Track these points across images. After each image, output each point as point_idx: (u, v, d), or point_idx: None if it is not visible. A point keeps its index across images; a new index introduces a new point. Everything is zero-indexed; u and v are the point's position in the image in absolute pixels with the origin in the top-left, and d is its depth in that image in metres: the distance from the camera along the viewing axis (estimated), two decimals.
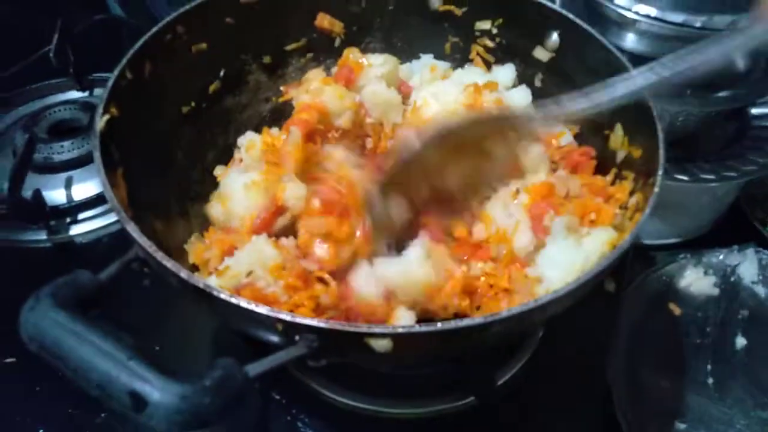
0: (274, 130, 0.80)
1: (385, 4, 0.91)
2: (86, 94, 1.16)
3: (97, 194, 0.97)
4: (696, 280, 1.04)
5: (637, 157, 0.68)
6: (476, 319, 0.45)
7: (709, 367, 0.94)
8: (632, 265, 1.06)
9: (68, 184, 0.97)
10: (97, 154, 0.59)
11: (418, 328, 0.45)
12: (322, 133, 0.78)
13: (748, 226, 1.12)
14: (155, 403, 0.37)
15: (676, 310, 1.01)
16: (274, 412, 0.78)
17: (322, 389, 0.76)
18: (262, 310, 0.46)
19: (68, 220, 0.94)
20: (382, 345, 0.45)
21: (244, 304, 0.46)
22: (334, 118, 0.79)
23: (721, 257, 1.05)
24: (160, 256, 0.49)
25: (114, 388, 0.38)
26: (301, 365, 0.76)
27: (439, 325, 0.45)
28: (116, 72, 0.68)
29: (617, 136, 0.72)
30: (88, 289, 0.46)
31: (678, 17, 0.86)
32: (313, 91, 0.78)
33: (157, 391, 0.38)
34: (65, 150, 1.01)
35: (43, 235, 0.92)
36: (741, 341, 0.97)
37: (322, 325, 0.45)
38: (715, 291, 1.03)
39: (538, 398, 0.79)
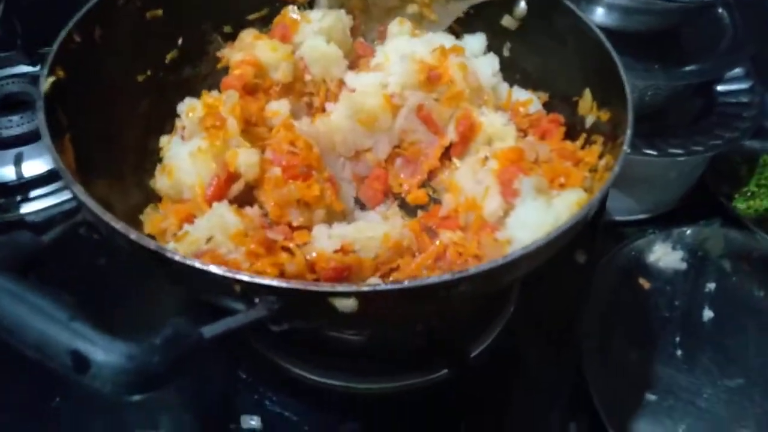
0: (215, 93, 0.77)
1: None
2: (36, 68, 1.10)
3: (49, 171, 0.92)
4: (664, 254, 1.06)
5: (606, 121, 0.67)
6: (444, 276, 0.43)
7: (677, 339, 0.95)
8: (603, 239, 1.07)
9: (18, 161, 0.92)
10: (41, 116, 0.55)
11: (383, 286, 0.43)
12: (263, 89, 0.76)
13: (715, 202, 1.13)
14: (99, 362, 0.34)
15: (646, 284, 1.02)
16: (242, 392, 0.75)
17: (290, 366, 0.74)
18: (218, 270, 0.43)
19: (18, 198, 0.89)
20: (346, 305, 0.43)
21: (198, 265, 0.44)
22: (270, 71, 0.77)
23: (688, 232, 1.06)
24: (108, 217, 0.46)
25: (53, 349, 0.35)
26: (268, 341, 0.74)
27: (405, 282, 0.43)
28: (63, 33, 0.64)
29: (586, 102, 0.72)
30: (28, 251, 0.42)
31: None
32: (246, 46, 0.77)
33: (101, 350, 0.35)
34: (14, 125, 0.96)
35: None
36: (708, 314, 0.99)
37: (282, 284, 0.43)
38: (683, 265, 1.05)
39: (510, 371, 0.78)
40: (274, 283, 0.43)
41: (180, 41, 0.81)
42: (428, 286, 0.44)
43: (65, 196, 0.91)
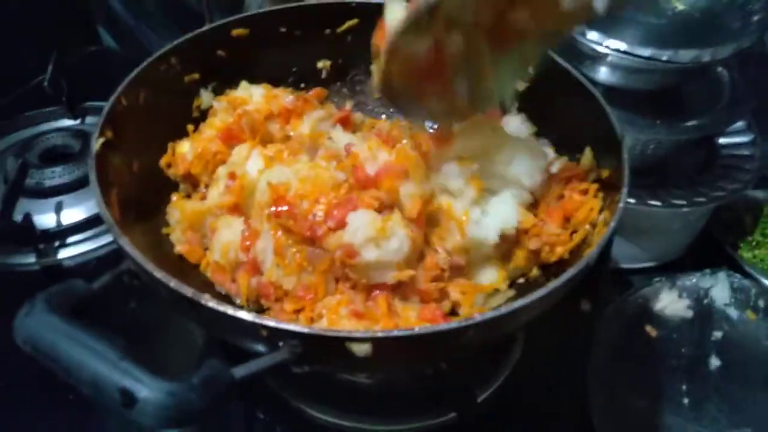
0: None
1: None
2: (78, 122, 1.19)
3: (86, 218, 0.99)
4: (671, 302, 1.08)
5: (605, 177, 0.72)
6: (452, 323, 0.48)
7: (684, 387, 0.96)
8: (610, 287, 1.09)
9: (58, 209, 0.99)
10: (92, 174, 0.62)
11: (395, 332, 0.48)
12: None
13: (720, 251, 1.16)
14: (144, 399, 0.39)
15: (653, 332, 1.04)
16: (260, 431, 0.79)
17: (305, 407, 0.77)
18: (247, 317, 0.48)
19: (57, 243, 0.96)
20: (362, 349, 0.47)
21: (230, 311, 0.48)
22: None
23: (694, 280, 1.09)
24: (150, 267, 0.51)
25: (105, 386, 0.40)
26: (284, 383, 0.78)
27: (416, 329, 0.48)
28: (112, 98, 0.71)
29: (587, 158, 0.76)
30: (81, 297, 0.48)
31: (645, 51, 0.91)
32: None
33: (146, 388, 0.39)
34: (56, 175, 1.03)
35: (32, 258, 0.94)
36: (715, 362, 1.00)
37: (305, 330, 0.47)
38: (690, 313, 1.07)
39: (518, 415, 0.80)
40: (297, 328, 0.48)
41: None
42: (437, 333, 0.48)
43: (100, 242, 0.97)
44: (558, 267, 0.72)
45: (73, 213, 1.00)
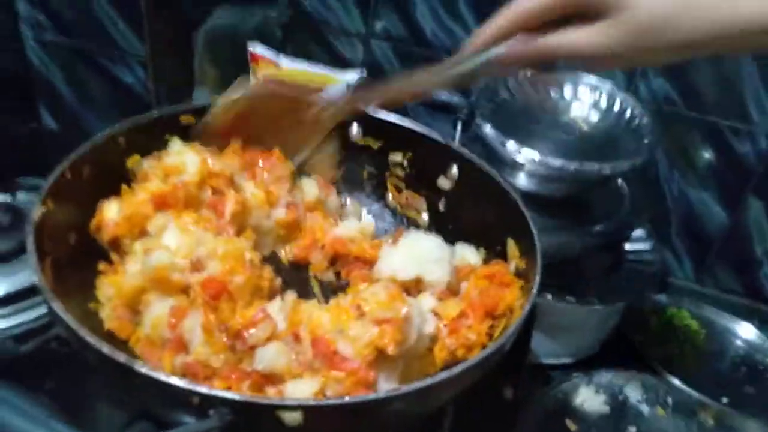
0: None
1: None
2: (8, 197, 1.17)
3: (6, 294, 0.95)
4: (588, 398, 1.14)
5: (522, 267, 0.79)
6: (379, 393, 0.50)
7: None
8: (532, 380, 1.14)
9: None
10: (30, 240, 0.62)
11: (326, 401, 0.49)
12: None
13: (631, 349, 1.25)
14: None
15: (573, 426, 1.09)
16: None
17: None
18: (179, 383, 0.49)
19: None
20: (293, 418, 0.48)
21: (162, 377, 0.49)
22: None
23: (609, 377, 1.16)
24: (83, 332, 0.51)
25: None
26: None
27: (346, 398, 0.50)
28: (57, 171, 0.73)
29: (510, 249, 0.84)
30: (9, 359, 0.47)
31: (556, 162, 1.04)
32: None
33: None
34: None
35: None
36: None
37: (236, 397, 0.48)
38: (606, 408, 1.13)
39: None
40: (228, 395, 0.48)
41: None
42: (365, 402, 0.50)
43: (23, 318, 0.92)
44: None
45: None
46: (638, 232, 1.29)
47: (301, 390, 0.59)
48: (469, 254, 0.89)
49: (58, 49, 1.53)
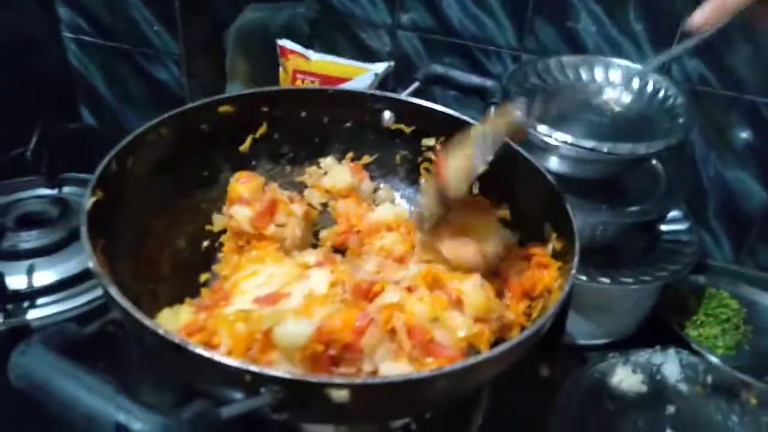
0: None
1: (344, 122, 1.04)
2: (56, 191, 1.22)
3: (57, 281, 1.00)
4: (625, 377, 1.13)
5: (559, 249, 0.79)
6: (423, 372, 0.52)
7: None
8: (568, 361, 1.14)
9: (30, 271, 1.00)
10: (83, 229, 0.65)
11: (372, 380, 0.51)
12: None
13: (669, 330, 1.24)
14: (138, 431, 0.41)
15: (610, 405, 1.09)
16: None
17: None
18: (232, 362, 0.51)
19: (26, 304, 0.96)
20: (340, 395, 0.50)
21: (216, 357, 0.51)
22: None
23: (646, 357, 1.15)
24: (140, 315, 0.54)
25: (100, 420, 0.41)
26: None
27: (391, 377, 0.51)
28: (104, 162, 0.76)
29: (548, 230, 0.84)
30: (74, 339, 0.50)
31: (589, 144, 1.03)
32: None
33: (140, 421, 0.41)
34: (31, 239, 1.05)
35: None
36: None
37: (287, 376, 0.50)
38: (644, 388, 1.12)
39: None
40: (279, 374, 0.50)
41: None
42: (411, 381, 0.52)
43: (68, 305, 0.97)
44: None
45: (45, 275, 1.01)
46: (674, 213, 1.27)
47: (395, 370, 0.61)
48: (505, 236, 0.89)
49: (96, 50, 1.59)
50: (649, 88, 1.15)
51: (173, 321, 0.68)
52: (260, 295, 0.68)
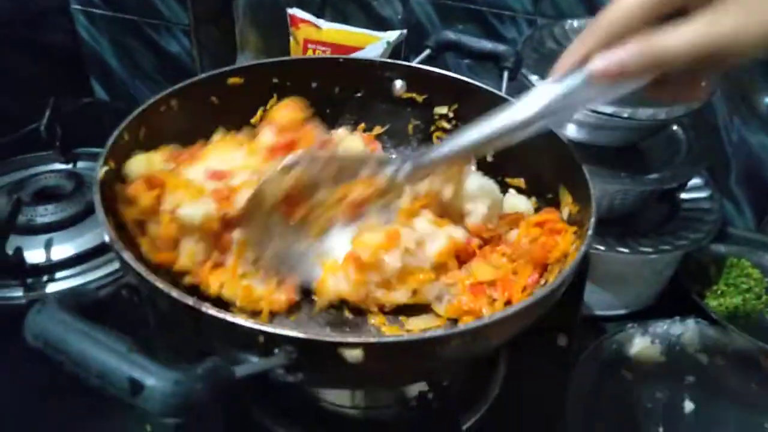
0: None
1: (355, 91, 1.03)
2: (70, 165, 1.23)
3: (75, 254, 1.01)
4: (644, 348, 1.12)
5: (575, 213, 0.78)
6: (438, 331, 0.51)
7: (660, 430, 0.99)
8: (585, 331, 1.13)
9: (48, 245, 1.01)
10: (96, 197, 0.65)
11: (385, 338, 0.51)
12: None
13: (688, 300, 1.22)
14: (151, 386, 0.41)
15: (628, 376, 1.08)
16: None
17: None
18: (246, 323, 0.51)
19: (45, 278, 0.97)
20: (353, 355, 0.50)
21: (229, 318, 0.51)
22: None
23: (665, 327, 1.14)
24: (153, 278, 0.54)
25: (114, 376, 0.42)
26: (271, 413, 0.78)
27: (405, 336, 0.51)
28: (116, 132, 0.76)
29: (564, 195, 0.82)
30: (89, 301, 0.50)
31: (608, 109, 1.00)
32: None
33: (153, 377, 0.41)
34: (48, 213, 1.06)
35: (19, 292, 0.94)
36: (689, 405, 1.04)
37: (300, 336, 0.50)
38: (663, 358, 1.11)
39: None
40: (293, 334, 0.50)
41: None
42: (423, 340, 0.51)
43: (87, 278, 0.99)
44: None
45: (62, 249, 1.02)
46: (696, 181, 1.25)
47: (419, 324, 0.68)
48: (519, 203, 0.88)
49: (106, 22, 1.58)
50: None
51: (145, 166, 0.77)
52: (213, 168, 0.78)
